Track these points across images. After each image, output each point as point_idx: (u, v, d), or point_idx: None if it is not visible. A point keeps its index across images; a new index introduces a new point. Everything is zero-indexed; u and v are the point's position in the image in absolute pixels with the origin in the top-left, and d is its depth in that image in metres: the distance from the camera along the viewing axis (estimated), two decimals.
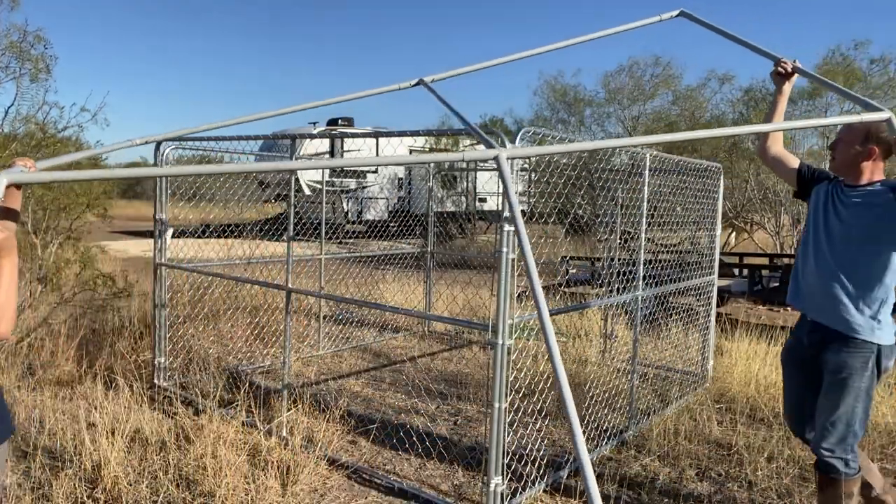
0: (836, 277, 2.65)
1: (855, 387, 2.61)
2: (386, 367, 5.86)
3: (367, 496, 3.38)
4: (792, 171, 2.97)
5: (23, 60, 6.99)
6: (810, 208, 2.87)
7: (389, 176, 20.20)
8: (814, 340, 2.76)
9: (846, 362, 2.62)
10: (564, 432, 4.29)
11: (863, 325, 2.61)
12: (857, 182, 2.69)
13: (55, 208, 6.01)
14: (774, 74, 2.92)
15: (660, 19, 3.18)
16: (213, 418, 3.82)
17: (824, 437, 2.67)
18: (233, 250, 6.99)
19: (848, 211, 2.67)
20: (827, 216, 2.74)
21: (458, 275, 9.35)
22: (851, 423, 2.63)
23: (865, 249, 2.62)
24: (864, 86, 11.93)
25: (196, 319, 5.89)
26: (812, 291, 2.76)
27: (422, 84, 2.70)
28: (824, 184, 2.83)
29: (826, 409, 2.68)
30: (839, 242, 2.67)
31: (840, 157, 2.73)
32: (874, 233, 2.60)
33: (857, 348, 2.61)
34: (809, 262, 2.77)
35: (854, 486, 2.68)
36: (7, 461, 2.22)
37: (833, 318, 2.67)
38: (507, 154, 1.70)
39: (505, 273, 2.93)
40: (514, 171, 2.98)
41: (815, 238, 2.77)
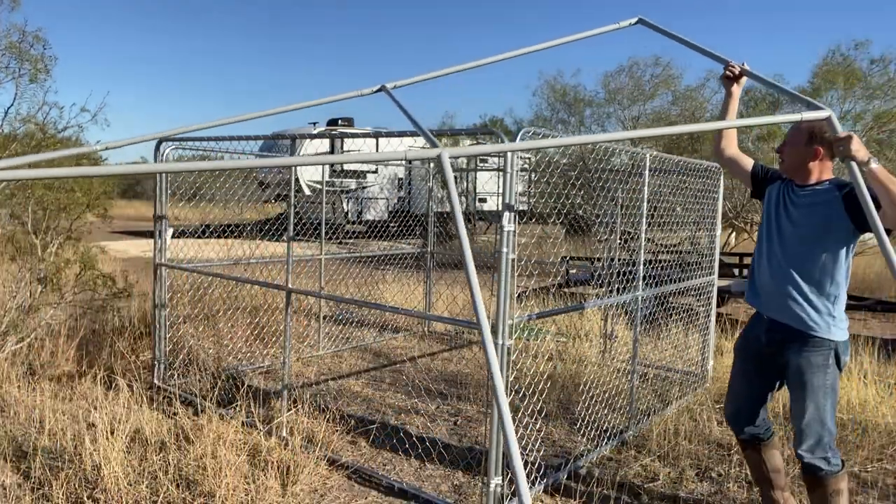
0: (790, 277, 2.72)
1: (821, 385, 2.68)
2: (386, 367, 5.86)
3: (367, 496, 3.38)
4: (746, 171, 3.05)
5: (22, 60, 6.99)
6: (763, 208, 2.94)
7: (389, 176, 20.20)
8: (773, 339, 2.82)
9: (809, 361, 2.69)
10: (564, 433, 4.29)
11: (819, 322, 2.68)
12: (805, 182, 2.76)
13: (55, 208, 6.00)
14: (723, 78, 2.99)
15: (618, 27, 3.22)
16: (212, 418, 3.82)
17: (802, 441, 2.73)
18: (233, 250, 6.99)
19: (798, 211, 2.74)
20: (778, 216, 2.81)
21: (458, 275, 9.35)
22: (825, 422, 2.69)
23: (815, 248, 2.68)
24: (864, 86, 11.93)
25: (196, 319, 5.90)
26: (768, 291, 2.83)
27: (383, 90, 2.73)
28: (777, 183, 2.90)
29: (798, 412, 2.74)
30: (790, 242, 2.75)
31: (788, 159, 2.80)
32: (822, 231, 2.67)
33: (817, 346, 2.68)
34: (763, 262, 2.85)
35: (841, 481, 2.73)
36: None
37: (791, 316, 2.73)
38: (449, 153, 1.76)
39: (505, 273, 2.93)
40: (514, 171, 2.99)
41: (767, 238, 2.85)
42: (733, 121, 2.70)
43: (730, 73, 2.94)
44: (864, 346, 6.08)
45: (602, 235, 5.34)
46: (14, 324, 5.08)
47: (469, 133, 5.77)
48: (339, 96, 2.79)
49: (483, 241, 18.92)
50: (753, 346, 2.95)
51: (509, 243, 2.94)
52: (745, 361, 3.00)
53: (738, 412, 3.05)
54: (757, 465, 3.09)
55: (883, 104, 12.00)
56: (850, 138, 2.34)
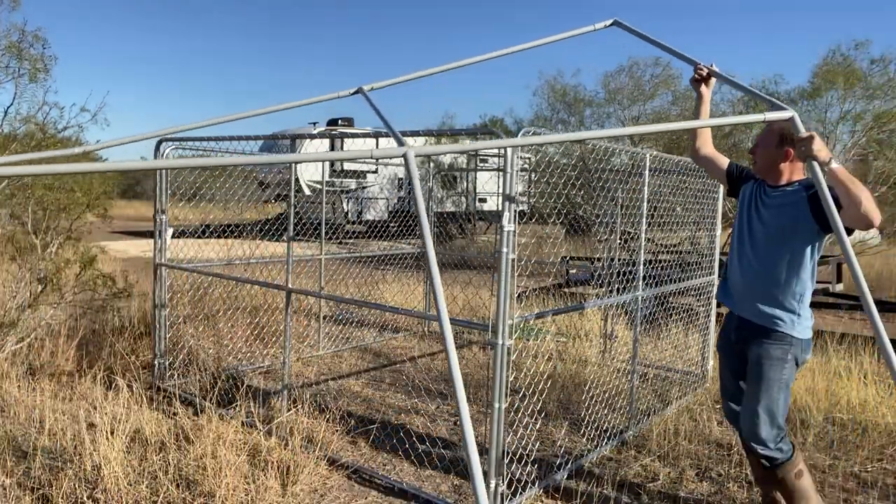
0: (759, 276, 2.78)
1: (776, 378, 2.73)
2: (386, 367, 5.86)
3: (367, 496, 3.38)
4: (722, 170, 3.10)
5: (22, 60, 6.99)
6: (738, 208, 2.99)
7: (389, 176, 20.21)
8: (740, 336, 2.89)
9: (768, 353, 2.75)
10: (564, 433, 4.29)
11: (784, 318, 2.74)
12: (777, 183, 2.81)
13: (55, 208, 6.01)
14: (692, 80, 3.02)
15: (594, 29, 3.26)
16: (212, 418, 3.82)
17: (753, 433, 2.78)
18: (233, 250, 6.99)
19: (768, 212, 2.79)
20: (750, 217, 2.86)
21: (458, 275, 9.35)
22: (774, 415, 2.75)
23: (782, 248, 2.73)
24: (865, 86, 11.93)
25: (196, 319, 5.90)
26: (738, 290, 2.89)
27: (360, 92, 2.76)
28: (750, 183, 2.95)
29: (750, 401, 2.80)
30: (760, 242, 2.80)
31: (760, 161, 2.85)
32: (789, 232, 2.71)
33: (778, 340, 2.74)
34: (735, 262, 2.91)
35: (797, 465, 2.80)
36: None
37: (758, 314, 2.79)
38: (415, 152, 1.79)
39: (505, 273, 2.93)
40: (514, 170, 2.99)
41: (739, 238, 2.90)
42: (700, 121, 2.73)
43: (698, 76, 2.97)
44: (864, 346, 6.08)
45: (602, 235, 5.34)
46: (14, 324, 5.09)
47: (469, 133, 5.81)
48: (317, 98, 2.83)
49: (483, 241, 18.92)
50: (728, 345, 3.02)
51: (509, 243, 2.93)
52: (727, 360, 3.06)
53: (733, 412, 3.09)
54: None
55: (883, 104, 12.01)
56: (811, 138, 2.37)
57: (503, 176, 2.94)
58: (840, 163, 2.42)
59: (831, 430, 4.35)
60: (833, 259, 9.67)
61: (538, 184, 10.95)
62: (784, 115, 2.39)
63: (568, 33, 3.24)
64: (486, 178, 21.50)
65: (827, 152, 2.38)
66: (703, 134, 3.14)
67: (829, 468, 3.82)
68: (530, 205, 12.38)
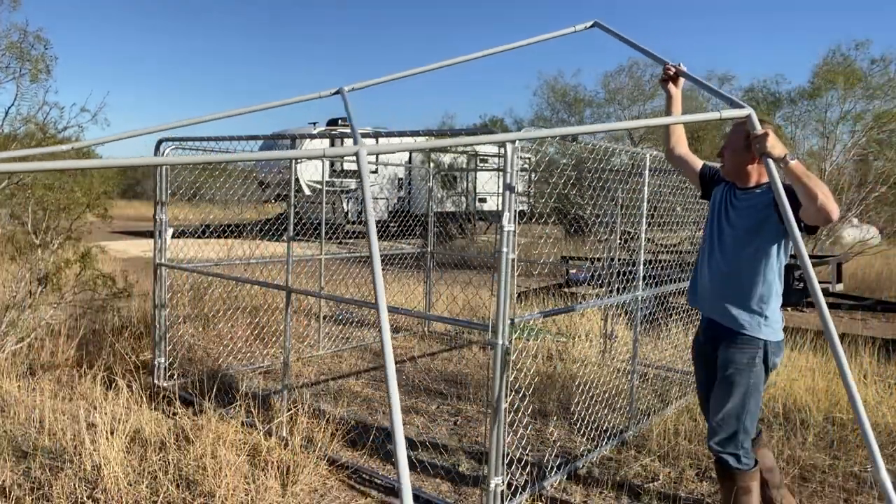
0: (725, 278, 2.78)
1: (742, 383, 2.70)
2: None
3: (367, 496, 3.38)
4: (695, 172, 3.10)
5: (23, 60, 6.99)
6: (709, 210, 2.99)
7: (389, 176, 20.20)
8: (708, 338, 2.89)
9: (733, 358, 2.73)
10: (564, 433, 4.29)
11: (749, 321, 2.72)
12: (745, 185, 2.80)
13: (55, 208, 6.01)
14: (661, 80, 3.06)
15: (574, 30, 3.30)
16: (212, 418, 3.82)
17: (715, 434, 2.77)
18: (233, 250, 6.99)
19: (736, 213, 2.79)
20: (720, 219, 2.86)
21: (458, 275, 9.35)
22: (741, 419, 2.72)
23: (748, 248, 2.73)
24: (865, 86, 11.93)
25: (196, 319, 5.90)
26: (707, 292, 2.88)
27: (340, 93, 2.79)
28: (721, 185, 2.94)
29: (716, 405, 2.78)
30: (728, 244, 2.79)
31: (728, 163, 2.83)
32: (755, 232, 2.71)
33: (745, 344, 2.72)
34: (704, 264, 2.91)
35: (750, 480, 2.75)
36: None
37: (725, 316, 2.78)
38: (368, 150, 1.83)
39: (505, 273, 2.93)
40: (514, 170, 2.98)
41: (709, 240, 2.91)
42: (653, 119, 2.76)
43: (666, 75, 3.01)
44: (864, 346, 6.08)
45: (602, 235, 5.34)
46: (14, 323, 5.08)
47: (469, 133, 5.81)
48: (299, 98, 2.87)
49: (483, 241, 18.91)
50: (698, 346, 3.02)
51: (509, 243, 2.93)
52: (700, 367, 3.03)
53: (703, 409, 3.08)
54: None
55: (883, 104, 12.00)
56: (765, 136, 2.39)
57: (503, 175, 2.94)
58: (797, 158, 2.42)
59: (831, 430, 4.35)
60: (833, 259, 9.67)
61: (538, 184, 10.92)
62: (741, 112, 2.43)
63: (548, 35, 3.29)
64: (486, 178, 21.50)
65: (782, 149, 2.40)
66: (677, 134, 3.13)
67: (829, 468, 3.82)
68: (530, 205, 12.38)
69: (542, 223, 9.56)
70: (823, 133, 12.40)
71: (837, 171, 12.27)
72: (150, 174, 36.77)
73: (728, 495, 2.79)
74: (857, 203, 12.14)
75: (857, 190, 12.11)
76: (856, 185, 12.18)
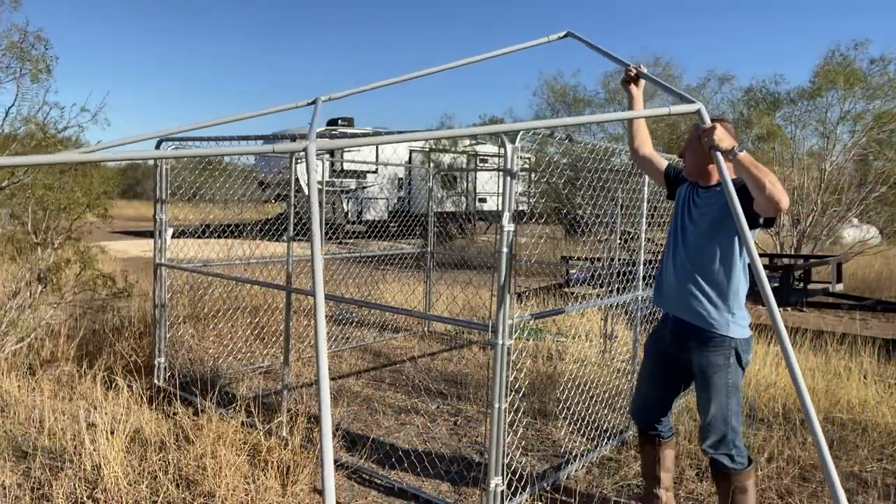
0: (691, 276, 2.79)
1: (723, 384, 2.74)
2: (386, 367, 5.86)
3: (367, 496, 3.38)
4: (660, 171, 3.14)
5: (23, 61, 6.99)
6: (673, 209, 3.02)
7: (389, 176, 20.21)
8: (676, 338, 2.90)
9: (710, 361, 2.75)
10: (564, 432, 4.29)
11: (718, 319, 2.74)
12: (707, 183, 2.84)
13: (55, 208, 6.01)
14: (623, 81, 3.14)
15: (548, 40, 3.37)
16: (212, 418, 3.82)
17: (706, 437, 2.80)
18: (233, 250, 6.99)
19: (698, 211, 2.81)
20: (683, 218, 2.89)
21: (458, 275, 9.35)
22: (728, 420, 2.75)
23: (711, 245, 2.75)
24: (865, 86, 11.92)
25: (196, 319, 5.89)
26: (672, 290, 2.90)
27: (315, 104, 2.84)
28: (685, 185, 2.97)
29: (703, 410, 2.81)
30: (692, 242, 2.82)
31: (689, 163, 2.87)
32: (715, 229, 2.73)
33: (717, 345, 2.74)
34: (669, 263, 2.93)
35: (746, 479, 2.79)
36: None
37: (692, 314, 2.80)
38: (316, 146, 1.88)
39: (505, 273, 2.93)
40: (514, 169, 2.98)
41: (673, 239, 2.93)
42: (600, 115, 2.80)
43: (628, 77, 3.10)
44: (864, 346, 6.08)
45: (602, 235, 5.34)
46: (14, 323, 5.09)
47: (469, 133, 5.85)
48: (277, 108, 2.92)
49: (483, 241, 18.92)
50: (660, 346, 3.03)
51: (509, 243, 2.94)
52: (653, 361, 3.07)
53: (643, 408, 3.13)
54: (651, 462, 3.17)
55: (883, 104, 11.99)
56: (713, 128, 2.42)
57: (503, 175, 2.95)
58: (745, 150, 2.45)
59: (831, 430, 4.35)
60: (833, 259, 9.67)
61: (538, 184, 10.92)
62: (691, 107, 2.47)
63: (522, 45, 3.37)
64: (486, 178, 21.49)
65: (730, 141, 2.44)
66: (640, 134, 3.16)
67: None
68: (530, 205, 12.37)
69: (542, 223, 9.57)
70: (823, 133, 12.39)
71: (837, 171, 12.26)
72: (150, 174, 36.77)
73: (725, 496, 2.81)
74: (857, 203, 12.13)
75: (857, 190, 12.10)
76: (856, 185, 12.18)
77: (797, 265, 9.45)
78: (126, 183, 38.58)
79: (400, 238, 15.99)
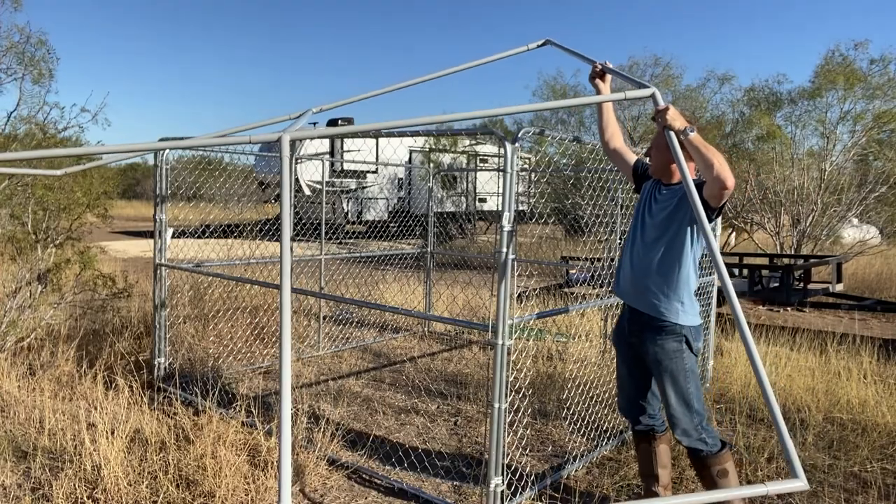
0: (646, 268, 2.89)
1: (680, 368, 2.83)
2: (386, 367, 5.86)
3: (367, 496, 3.38)
4: (629, 166, 3.21)
5: (25, 62, 6.99)
6: (636, 203, 3.11)
7: (389, 176, 20.21)
8: (633, 328, 2.98)
9: (663, 348, 2.84)
10: (564, 432, 4.29)
11: (668, 308, 2.83)
12: (669, 181, 2.93)
13: (55, 208, 6.01)
14: (591, 77, 3.22)
15: (527, 49, 3.44)
16: (212, 418, 3.82)
17: (675, 426, 2.88)
18: (233, 250, 6.99)
19: (656, 205, 2.90)
20: (643, 213, 2.97)
21: (458, 275, 9.35)
22: (691, 405, 2.85)
23: (663, 238, 2.84)
24: (865, 86, 11.92)
25: (196, 319, 5.89)
26: (628, 281, 2.99)
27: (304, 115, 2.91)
28: (650, 181, 3.05)
29: (665, 399, 2.90)
30: (648, 236, 2.90)
31: (654, 163, 2.96)
32: (668, 223, 2.82)
33: (668, 333, 2.83)
34: (627, 254, 3.02)
35: (725, 462, 2.87)
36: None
37: (645, 304, 2.89)
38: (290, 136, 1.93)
39: (505, 273, 2.94)
40: (514, 170, 2.99)
41: (633, 232, 3.01)
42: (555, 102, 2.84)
43: (595, 73, 3.18)
44: (863, 346, 6.08)
45: (602, 235, 5.34)
46: (14, 323, 5.09)
47: (469, 133, 5.84)
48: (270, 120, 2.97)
49: (483, 241, 18.92)
50: (621, 337, 3.09)
51: (509, 243, 2.94)
52: (620, 353, 3.13)
53: (628, 403, 3.16)
54: (647, 459, 3.19)
55: (883, 104, 12.00)
56: (666, 109, 2.51)
57: (503, 175, 2.95)
58: (695, 132, 2.52)
59: (831, 430, 4.35)
60: (833, 259, 9.68)
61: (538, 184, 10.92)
62: (645, 92, 2.56)
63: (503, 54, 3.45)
64: (486, 178, 21.50)
65: (682, 122, 2.52)
66: (611, 126, 3.22)
67: (829, 468, 3.82)
68: (530, 205, 12.38)
69: (542, 223, 9.57)
70: (823, 133, 12.39)
71: (837, 171, 12.26)
72: (150, 174, 36.79)
73: (710, 481, 2.87)
74: (857, 203, 12.14)
75: (857, 190, 12.11)
76: (856, 185, 12.18)
77: (797, 265, 9.45)
78: (126, 183, 38.59)
79: (400, 238, 15.99)
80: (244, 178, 6.61)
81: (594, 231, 5.22)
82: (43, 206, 6.01)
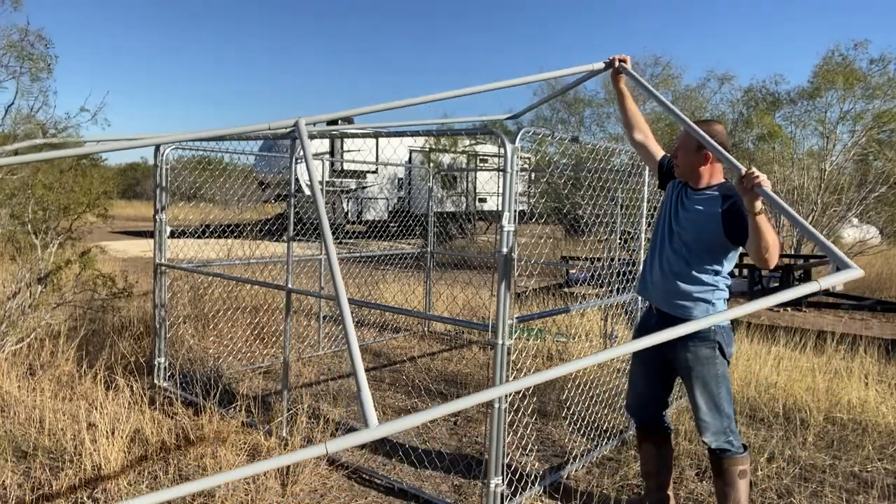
0: (676, 273, 2.84)
1: (712, 375, 2.80)
2: (386, 367, 5.86)
3: (367, 496, 3.38)
4: (655, 160, 3.15)
5: (23, 60, 7.00)
6: (662, 203, 3.05)
7: (389, 176, 20.21)
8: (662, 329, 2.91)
9: (696, 355, 2.80)
10: (564, 432, 4.29)
11: (700, 315, 2.79)
12: (697, 185, 2.86)
13: (55, 208, 6.00)
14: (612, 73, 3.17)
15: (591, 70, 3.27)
16: (212, 418, 3.82)
17: (705, 430, 2.86)
18: (233, 250, 6.99)
19: (686, 216, 2.84)
20: (670, 216, 2.92)
21: (458, 275, 9.35)
22: (721, 408, 2.83)
23: (693, 252, 2.80)
24: (864, 86, 11.92)
25: (196, 319, 5.89)
26: (657, 285, 2.94)
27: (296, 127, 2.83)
28: (676, 181, 2.98)
29: (695, 403, 2.86)
30: (678, 245, 2.86)
31: (681, 165, 2.89)
32: (703, 240, 2.78)
33: (702, 340, 2.79)
34: (654, 259, 2.96)
35: (745, 463, 2.88)
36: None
37: (677, 310, 2.85)
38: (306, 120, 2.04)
39: (505, 273, 2.93)
40: (514, 170, 2.98)
41: (660, 235, 2.96)
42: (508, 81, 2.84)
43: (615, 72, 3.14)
44: (864, 346, 6.08)
45: (602, 235, 5.34)
46: (14, 323, 5.08)
47: (469, 133, 5.82)
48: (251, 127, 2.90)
49: (483, 241, 18.91)
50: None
51: (509, 243, 2.94)
52: (642, 354, 3.07)
53: (638, 402, 3.14)
54: (651, 460, 3.18)
55: (883, 104, 11.99)
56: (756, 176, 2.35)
57: (502, 175, 2.95)
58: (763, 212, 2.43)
59: (831, 430, 4.35)
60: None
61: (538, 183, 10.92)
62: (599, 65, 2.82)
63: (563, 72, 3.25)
64: (486, 177, 21.50)
65: (760, 204, 2.40)
66: (633, 119, 3.18)
67: (829, 468, 3.82)
68: (530, 205, 12.38)
69: (542, 223, 9.57)
70: (823, 133, 12.38)
71: (837, 171, 12.26)
72: (150, 174, 36.76)
73: (730, 480, 2.86)
74: (857, 203, 12.13)
75: (857, 190, 12.11)
76: (856, 185, 12.18)
77: (797, 265, 9.45)
78: (126, 183, 38.58)
79: (400, 238, 15.98)
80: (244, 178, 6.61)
81: (594, 231, 5.22)
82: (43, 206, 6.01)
